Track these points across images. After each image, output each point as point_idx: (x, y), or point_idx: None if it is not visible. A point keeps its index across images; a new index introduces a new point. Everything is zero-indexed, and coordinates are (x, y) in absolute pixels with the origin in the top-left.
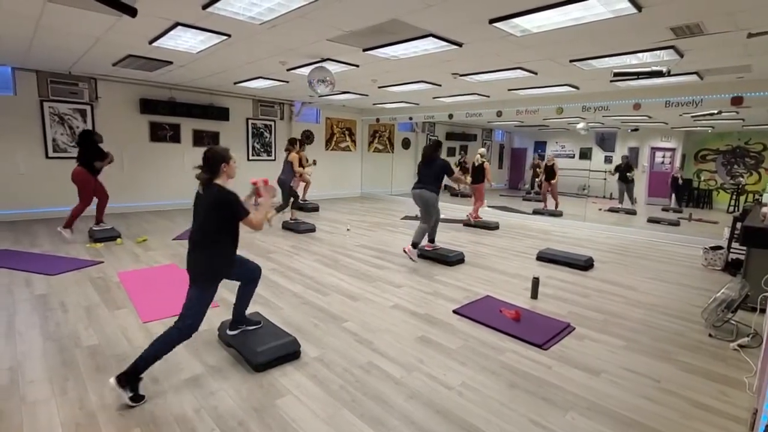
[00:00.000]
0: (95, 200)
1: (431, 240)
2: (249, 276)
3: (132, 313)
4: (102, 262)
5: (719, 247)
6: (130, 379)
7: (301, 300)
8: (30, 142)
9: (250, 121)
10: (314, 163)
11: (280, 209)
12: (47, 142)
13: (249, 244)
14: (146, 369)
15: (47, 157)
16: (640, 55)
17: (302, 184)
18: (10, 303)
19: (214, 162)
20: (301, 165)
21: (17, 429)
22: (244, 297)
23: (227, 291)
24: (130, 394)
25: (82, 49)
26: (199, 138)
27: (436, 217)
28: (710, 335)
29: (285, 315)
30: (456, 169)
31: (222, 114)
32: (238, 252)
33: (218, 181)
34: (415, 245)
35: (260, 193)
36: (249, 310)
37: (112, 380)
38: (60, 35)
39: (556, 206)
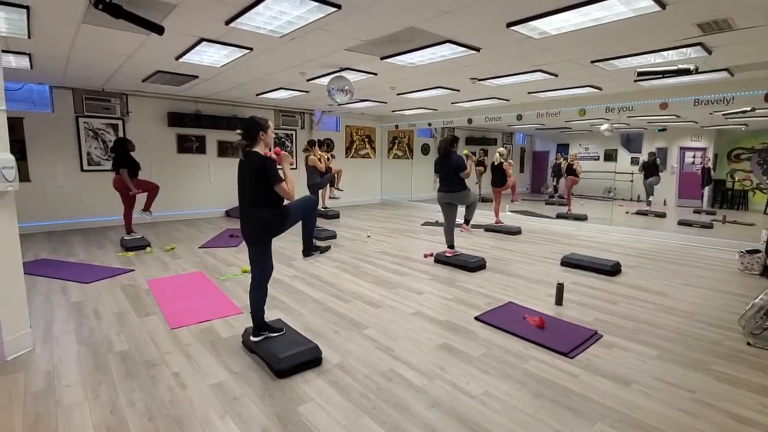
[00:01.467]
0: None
1: (467, 222)
2: (303, 211)
3: (160, 320)
4: (133, 270)
5: (757, 251)
6: (258, 328)
7: (322, 307)
8: (67, 156)
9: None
10: (333, 156)
11: (334, 185)
12: (82, 155)
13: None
14: (263, 315)
15: (82, 170)
16: (665, 53)
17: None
18: (48, 310)
19: (253, 130)
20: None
21: (53, 431)
22: (307, 228)
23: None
24: (265, 335)
25: (114, 67)
26: (223, 149)
27: (475, 200)
28: (749, 344)
29: (306, 321)
30: (469, 163)
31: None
32: None
33: (257, 149)
34: (468, 222)
35: (278, 161)
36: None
37: (251, 338)
38: (93, 54)
39: (570, 209)
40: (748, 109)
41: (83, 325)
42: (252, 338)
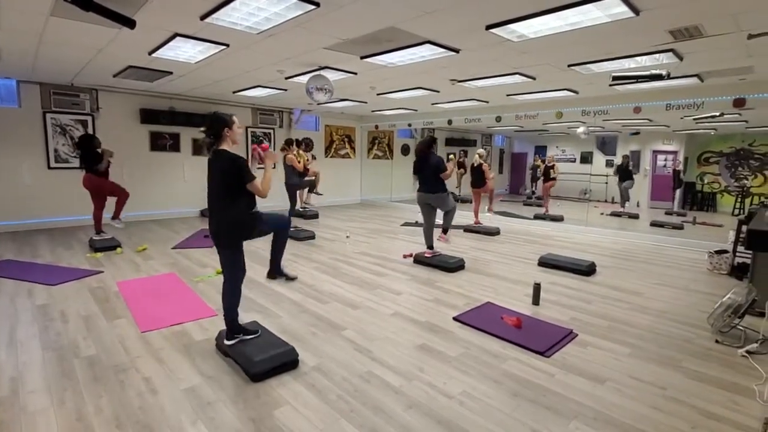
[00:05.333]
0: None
1: (445, 231)
2: (276, 224)
3: (130, 323)
4: (102, 271)
5: (724, 251)
6: (231, 330)
7: (300, 308)
8: (33, 154)
9: (249, 130)
10: (313, 157)
11: (312, 190)
12: (49, 152)
13: (249, 252)
14: (237, 318)
15: (49, 167)
16: (639, 58)
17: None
18: (12, 313)
19: (217, 126)
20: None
21: None
22: (276, 246)
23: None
24: (239, 337)
25: (83, 61)
26: (198, 147)
27: (453, 206)
28: (717, 341)
29: (283, 323)
30: (450, 165)
31: None
32: None
33: (224, 146)
34: (446, 231)
35: (262, 159)
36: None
37: (225, 341)
38: (62, 48)
39: (547, 210)
40: (717, 114)
41: (49, 329)
42: (226, 341)
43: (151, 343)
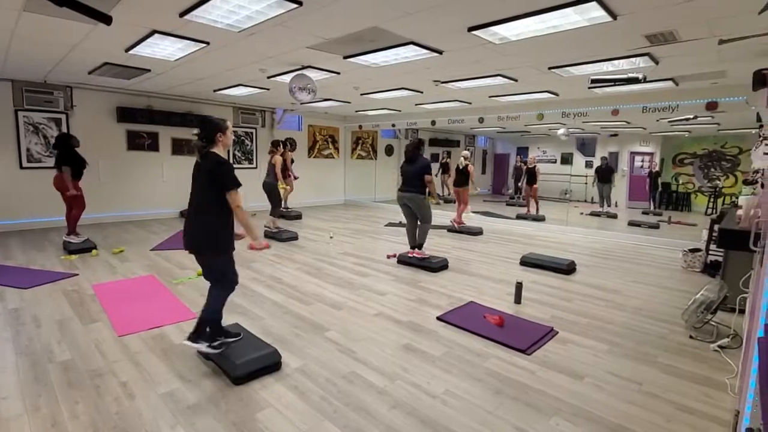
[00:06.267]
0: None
1: (419, 246)
2: (227, 271)
3: (107, 327)
4: (76, 274)
5: (698, 250)
6: (200, 335)
7: (283, 309)
8: (4, 153)
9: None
10: (296, 178)
11: (277, 213)
12: (21, 152)
13: None
14: (220, 320)
15: (21, 167)
16: (616, 62)
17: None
18: None
19: (211, 131)
20: (286, 167)
21: None
22: (212, 302)
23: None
24: (206, 344)
25: (57, 58)
26: (178, 147)
27: (429, 218)
28: (691, 337)
29: (266, 325)
30: (436, 170)
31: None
32: None
33: (215, 150)
34: (421, 246)
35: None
36: (229, 321)
37: (186, 341)
38: (35, 44)
39: (537, 210)
40: (691, 116)
41: (21, 334)
42: (206, 346)
43: (129, 347)
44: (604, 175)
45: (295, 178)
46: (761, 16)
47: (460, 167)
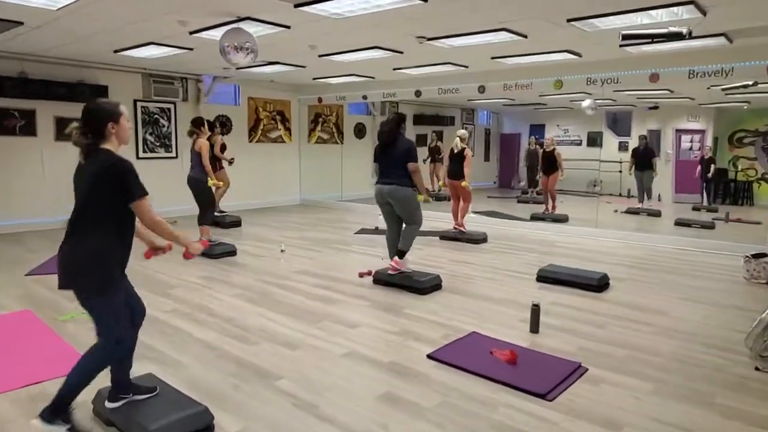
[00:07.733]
0: None
1: (400, 254)
2: (131, 308)
3: None
4: None
5: (763, 255)
6: (57, 411)
7: (216, 352)
8: None
9: (139, 104)
10: (231, 162)
11: (206, 221)
12: None
13: (137, 274)
14: (74, 398)
15: None
16: (653, 12)
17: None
18: None
19: (96, 120)
20: (215, 156)
21: None
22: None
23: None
24: (67, 426)
25: None
26: (64, 129)
27: (417, 218)
28: (757, 368)
29: (192, 375)
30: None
31: (97, 94)
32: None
33: (106, 146)
34: (403, 254)
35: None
36: (140, 371)
37: (35, 420)
38: None
39: (554, 208)
40: (750, 83)
41: None
42: (108, 404)
43: None
44: (644, 159)
45: (230, 162)
46: None
47: (455, 151)
